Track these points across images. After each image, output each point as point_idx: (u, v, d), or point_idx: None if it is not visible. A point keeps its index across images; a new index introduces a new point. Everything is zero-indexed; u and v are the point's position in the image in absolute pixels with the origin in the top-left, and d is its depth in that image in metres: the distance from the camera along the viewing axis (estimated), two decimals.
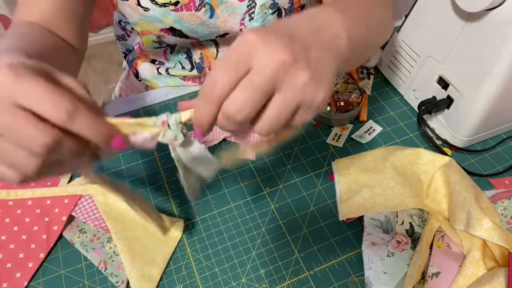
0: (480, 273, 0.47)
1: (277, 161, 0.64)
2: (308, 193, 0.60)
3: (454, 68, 0.60)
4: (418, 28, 0.65)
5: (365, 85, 0.74)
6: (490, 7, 0.51)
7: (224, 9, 0.63)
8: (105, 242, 0.55)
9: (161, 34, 0.66)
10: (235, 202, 0.60)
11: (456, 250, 0.51)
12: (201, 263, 0.54)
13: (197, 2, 0.61)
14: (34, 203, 0.57)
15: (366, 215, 0.55)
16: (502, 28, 0.52)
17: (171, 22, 0.63)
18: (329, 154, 0.65)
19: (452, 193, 0.54)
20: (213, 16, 0.63)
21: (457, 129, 0.63)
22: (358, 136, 0.67)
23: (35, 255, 0.54)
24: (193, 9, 0.62)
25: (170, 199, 0.60)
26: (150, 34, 0.67)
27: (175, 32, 0.65)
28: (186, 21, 0.63)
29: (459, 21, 0.57)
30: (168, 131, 0.33)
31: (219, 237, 0.56)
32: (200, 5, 0.61)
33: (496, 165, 0.63)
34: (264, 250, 0.55)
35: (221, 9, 0.63)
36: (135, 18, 0.63)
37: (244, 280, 0.52)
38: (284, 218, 0.58)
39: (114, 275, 0.52)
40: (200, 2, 0.61)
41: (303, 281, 0.52)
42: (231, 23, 0.65)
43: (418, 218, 0.54)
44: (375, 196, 0.56)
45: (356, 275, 0.52)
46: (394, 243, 0.52)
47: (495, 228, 0.49)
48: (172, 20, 0.63)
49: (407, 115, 0.70)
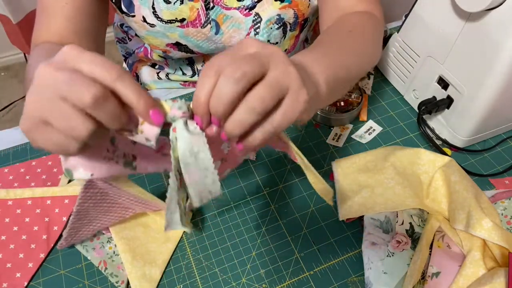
0: (480, 273, 0.47)
1: (277, 161, 0.64)
2: (308, 193, 0.60)
3: (454, 68, 0.60)
4: (418, 28, 0.65)
5: (365, 85, 0.74)
6: (490, 7, 0.51)
7: (230, 25, 0.63)
8: (105, 242, 0.55)
9: (167, 49, 0.66)
10: (235, 202, 0.60)
11: (456, 250, 0.51)
12: (201, 263, 0.54)
13: (203, 19, 0.61)
14: (34, 203, 0.57)
15: (366, 215, 0.55)
16: (502, 28, 0.52)
17: (177, 37, 0.63)
18: (329, 154, 0.65)
19: (452, 193, 0.54)
20: (219, 32, 0.64)
21: (457, 129, 0.63)
22: (358, 136, 0.67)
23: (35, 255, 0.54)
24: (199, 25, 0.62)
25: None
26: (157, 49, 0.68)
27: (181, 47, 0.65)
28: (192, 36, 0.63)
29: (459, 21, 0.57)
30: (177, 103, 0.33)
31: (219, 237, 0.56)
32: (206, 22, 0.62)
33: (496, 165, 0.63)
34: (264, 250, 0.55)
35: (226, 25, 0.63)
36: (142, 33, 0.64)
37: (244, 280, 0.52)
38: (284, 218, 0.58)
39: (114, 275, 0.52)
40: (206, 19, 0.62)
41: (303, 281, 0.52)
42: (236, 38, 0.65)
43: (418, 218, 0.54)
44: (375, 196, 0.56)
45: (356, 275, 0.52)
46: (394, 243, 0.52)
47: (495, 228, 0.49)
48: (178, 36, 0.63)
49: (407, 115, 0.70)
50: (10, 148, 0.67)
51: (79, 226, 0.51)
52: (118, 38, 0.83)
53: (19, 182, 0.61)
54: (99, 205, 0.49)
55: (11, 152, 0.66)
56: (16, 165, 0.64)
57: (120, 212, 0.54)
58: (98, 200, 0.48)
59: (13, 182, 0.61)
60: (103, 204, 0.50)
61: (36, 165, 0.63)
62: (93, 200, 0.47)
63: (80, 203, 0.46)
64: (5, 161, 0.65)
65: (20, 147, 0.67)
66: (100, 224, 0.53)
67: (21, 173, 0.62)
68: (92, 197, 0.47)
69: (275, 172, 0.63)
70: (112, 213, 0.53)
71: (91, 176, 0.37)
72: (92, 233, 0.54)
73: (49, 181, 0.61)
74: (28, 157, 0.65)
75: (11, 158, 0.65)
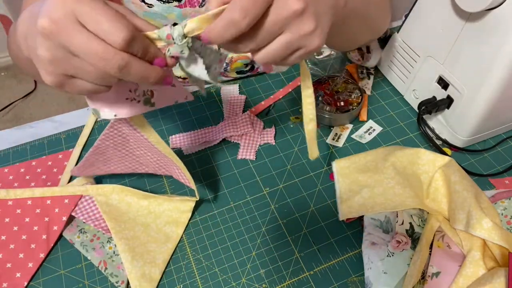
0: (480, 273, 0.47)
1: (277, 161, 0.64)
2: (308, 193, 0.60)
3: (454, 68, 0.60)
4: (418, 28, 0.65)
5: (365, 85, 0.74)
6: (490, 7, 0.51)
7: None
8: (105, 242, 0.55)
9: None
10: (235, 202, 0.60)
11: (456, 250, 0.51)
12: (201, 263, 0.54)
13: None
14: (34, 203, 0.57)
15: (366, 215, 0.55)
16: (502, 28, 0.51)
17: (175, 18, 0.63)
18: (329, 154, 0.65)
19: (452, 193, 0.54)
20: None
21: (457, 129, 0.63)
22: (358, 136, 0.67)
23: (35, 255, 0.54)
24: (196, 5, 0.62)
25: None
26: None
27: None
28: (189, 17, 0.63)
29: (459, 21, 0.57)
30: (174, 46, 0.34)
31: (219, 237, 0.56)
32: (204, 1, 0.61)
33: (496, 165, 0.63)
34: (264, 250, 0.55)
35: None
36: (139, 14, 0.64)
37: (244, 280, 0.52)
38: (284, 218, 0.58)
39: (114, 275, 0.52)
40: None
41: (303, 281, 0.52)
42: None
43: (418, 218, 0.54)
44: (375, 196, 0.56)
45: (356, 275, 0.52)
46: (394, 243, 0.52)
47: (495, 228, 0.49)
48: (175, 16, 0.63)
49: (407, 115, 0.70)
50: (10, 148, 0.67)
51: (95, 160, 0.54)
52: None
53: (19, 182, 0.61)
54: (118, 148, 0.52)
55: (11, 152, 0.66)
56: (16, 165, 0.64)
57: (134, 164, 0.57)
58: (118, 143, 0.51)
59: (13, 182, 0.61)
60: (122, 149, 0.53)
61: (36, 165, 0.63)
62: (114, 141, 0.51)
63: (102, 139, 0.50)
64: (5, 161, 0.65)
65: (20, 147, 0.67)
66: (113, 168, 0.56)
67: (21, 173, 0.62)
68: (113, 138, 0.50)
69: (275, 172, 0.63)
70: (127, 162, 0.56)
71: (114, 116, 0.40)
72: (102, 173, 0.58)
73: (49, 181, 0.61)
74: (28, 157, 0.65)
75: (11, 158, 0.65)
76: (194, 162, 0.64)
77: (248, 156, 0.64)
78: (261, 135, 0.67)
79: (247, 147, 0.65)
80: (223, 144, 0.66)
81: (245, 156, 0.64)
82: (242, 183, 0.62)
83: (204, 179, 0.62)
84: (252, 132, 0.66)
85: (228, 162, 0.64)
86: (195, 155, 0.65)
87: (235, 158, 0.65)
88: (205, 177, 0.63)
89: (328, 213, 0.58)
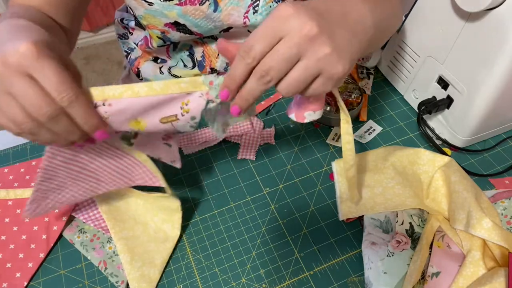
0: (480, 273, 0.47)
1: (277, 161, 0.64)
2: (308, 193, 0.60)
3: (454, 68, 0.60)
4: (418, 28, 0.65)
5: (365, 85, 0.74)
6: (490, 7, 0.51)
7: (228, 2, 0.63)
8: (105, 242, 0.55)
9: (165, 30, 0.66)
10: (235, 202, 0.60)
11: (456, 250, 0.51)
12: (201, 263, 0.54)
13: None
14: None
15: (366, 215, 0.55)
16: (502, 28, 0.52)
17: (175, 16, 0.63)
18: (329, 154, 0.65)
19: (452, 193, 0.54)
20: (217, 10, 0.63)
21: (457, 129, 0.63)
22: (358, 136, 0.67)
23: (35, 255, 0.54)
24: (197, 3, 0.62)
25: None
26: (155, 29, 0.67)
27: (179, 27, 0.65)
28: (190, 15, 0.63)
29: (459, 21, 0.57)
30: (212, 89, 0.39)
31: (219, 237, 0.56)
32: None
33: (496, 165, 0.63)
34: (264, 250, 0.55)
35: (225, 3, 0.63)
36: (140, 11, 0.64)
37: (244, 280, 0.52)
38: (284, 218, 0.58)
39: (114, 275, 0.52)
40: None
41: (303, 281, 0.52)
42: (235, 16, 0.64)
43: (418, 218, 0.54)
44: (375, 196, 0.56)
45: (356, 275, 0.52)
46: (394, 243, 0.52)
47: (495, 228, 0.49)
48: (176, 14, 0.63)
49: (407, 115, 0.70)
50: (10, 148, 0.67)
51: (46, 189, 0.47)
52: (119, 35, 0.83)
53: (19, 182, 0.61)
54: (69, 166, 0.46)
55: (11, 152, 0.66)
56: (16, 165, 0.64)
57: (92, 185, 0.50)
58: (68, 159, 0.45)
59: (13, 182, 0.61)
60: (73, 166, 0.46)
61: (36, 165, 0.63)
62: (62, 157, 0.44)
63: (47, 158, 0.43)
64: (5, 161, 0.65)
65: (20, 147, 0.67)
66: (70, 194, 0.49)
67: (21, 173, 0.62)
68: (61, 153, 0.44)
69: (275, 172, 0.63)
70: (83, 183, 0.49)
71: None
72: (60, 205, 0.50)
73: None
74: (28, 157, 0.65)
75: (11, 158, 0.65)
76: (194, 162, 0.64)
77: (248, 156, 0.64)
78: (261, 135, 0.67)
79: (247, 147, 0.65)
80: (223, 144, 0.66)
81: (245, 156, 0.65)
82: (242, 183, 0.62)
83: (204, 179, 0.62)
84: (252, 132, 0.66)
85: (228, 162, 0.64)
86: (195, 155, 0.65)
87: (235, 158, 0.65)
88: (205, 177, 0.63)
89: (328, 213, 0.58)
